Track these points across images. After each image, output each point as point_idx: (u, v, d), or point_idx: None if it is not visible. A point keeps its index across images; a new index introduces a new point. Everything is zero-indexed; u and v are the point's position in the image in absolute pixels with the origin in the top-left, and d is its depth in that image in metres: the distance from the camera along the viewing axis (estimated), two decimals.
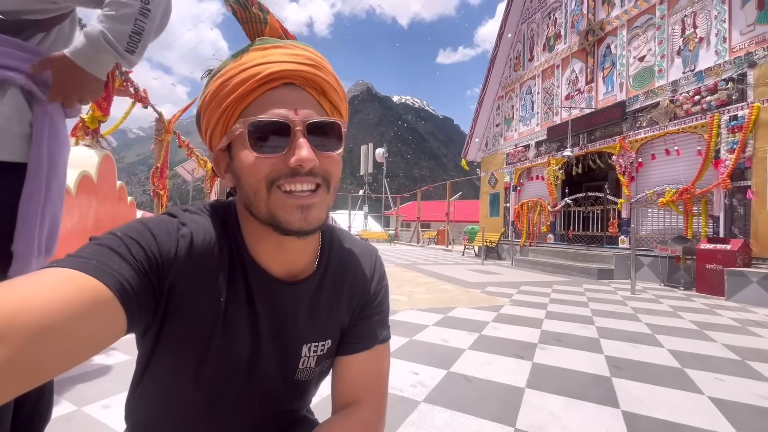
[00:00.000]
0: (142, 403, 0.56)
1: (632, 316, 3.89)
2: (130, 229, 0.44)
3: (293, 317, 0.55)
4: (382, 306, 0.64)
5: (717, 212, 6.17)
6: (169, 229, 0.47)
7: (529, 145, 11.08)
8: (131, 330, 0.41)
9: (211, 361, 0.50)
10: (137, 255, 0.41)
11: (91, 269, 0.36)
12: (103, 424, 1.46)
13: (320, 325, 0.57)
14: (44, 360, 0.31)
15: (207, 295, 0.48)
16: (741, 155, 5.81)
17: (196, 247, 0.47)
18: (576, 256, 8.32)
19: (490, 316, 3.64)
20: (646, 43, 7.74)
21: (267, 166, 0.45)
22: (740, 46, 6.07)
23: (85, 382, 1.83)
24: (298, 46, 0.49)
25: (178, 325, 0.47)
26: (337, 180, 0.50)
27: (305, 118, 0.45)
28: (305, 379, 0.58)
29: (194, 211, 0.53)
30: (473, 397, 1.86)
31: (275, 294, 0.52)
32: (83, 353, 0.34)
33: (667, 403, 1.86)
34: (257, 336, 0.52)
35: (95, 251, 0.39)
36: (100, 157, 4.31)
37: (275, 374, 0.55)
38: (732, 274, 5.10)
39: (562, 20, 10.26)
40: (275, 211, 0.45)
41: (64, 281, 0.34)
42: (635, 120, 7.76)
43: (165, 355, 0.50)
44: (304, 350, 0.56)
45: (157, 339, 0.48)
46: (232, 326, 0.50)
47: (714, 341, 3.01)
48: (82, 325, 0.33)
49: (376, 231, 24.13)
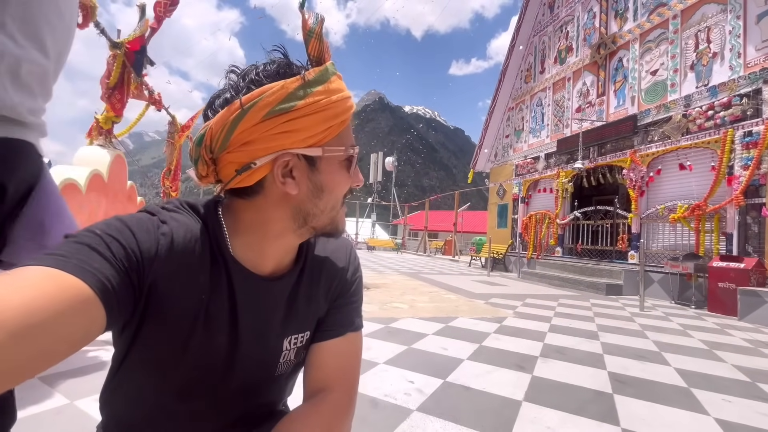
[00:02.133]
0: (118, 396, 0.56)
1: (639, 332, 3.78)
2: (110, 227, 0.44)
3: (274, 312, 0.55)
4: (356, 295, 0.66)
5: (730, 229, 6.02)
6: (149, 228, 0.46)
7: (539, 157, 11.01)
8: (109, 328, 0.40)
9: (189, 357, 0.50)
10: (117, 253, 0.41)
11: (72, 268, 0.36)
12: (92, 418, 1.46)
13: (300, 318, 0.59)
14: (24, 359, 0.31)
15: (188, 293, 0.48)
16: (756, 172, 5.68)
17: (176, 245, 0.47)
18: (584, 271, 8.17)
19: (492, 328, 3.58)
20: (659, 57, 7.68)
21: (347, 186, 0.54)
22: (755, 61, 5.98)
23: (80, 376, 1.84)
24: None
25: (158, 323, 0.47)
26: None
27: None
28: (285, 372, 0.59)
29: (172, 209, 0.52)
30: (468, 408, 1.82)
31: (257, 290, 0.53)
32: (62, 352, 0.34)
33: (670, 423, 1.79)
34: (236, 332, 0.53)
35: (75, 249, 0.39)
36: (112, 157, 4.40)
37: (254, 369, 0.56)
38: (745, 293, 4.94)
39: (574, 33, 10.26)
40: (339, 220, 0.55)
41: (44, 279, 0.34)
42: (647, 134, 7.67)
43: (142, 351, 0.49)
44: (285, 344, 0.57)
45: (135, 336, 0.48)
46: (213, 323, 0.50)
47: (723, 361, 2.91)
48: (63, 324, 0.33)
49: (383, 239, 24.08)
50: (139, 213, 0.49)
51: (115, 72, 4.30)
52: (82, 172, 3.73)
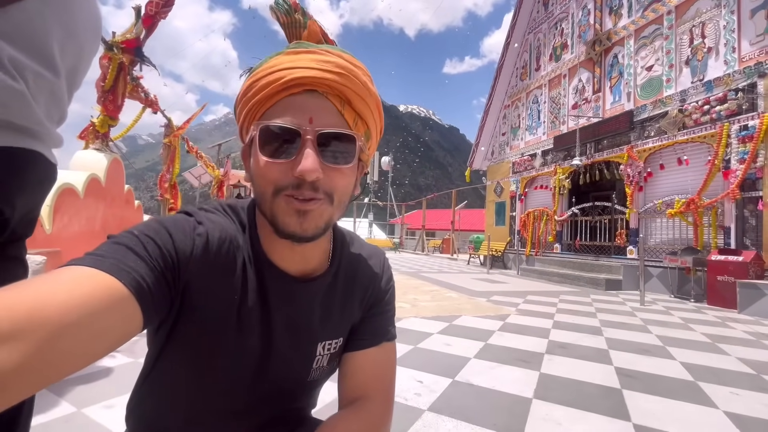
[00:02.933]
0: (148, 401, 0.56)
1: (642, 327, 3.80)
2: (147, 227, 0.45)
3: (308, 315, 0.55)
4: (390, 304, 0.65)
5: (728, 223, 6.07)
6: (185, 228, 0.47)
7: (536, 154, 11.04)
8: (146, 326, 0.41)
9: (222, 358, 0.50)
10: (153, 253, 0.42)
11: (108, 267, 0.37)
12: (102, 426, 1.44)
13: (333, 324, 0.58)
14: (63, 356, 0.31)
15: (221, 293, 0.49)
16: (752, 165, 5.73)
17: (211, 246, 0.48)
18: (583, 267, 8.20)
19: (496, 325, 3.58)
20: (654, 53, 7.73)
21: (275, 171, 0.45)
22: (750, 56, 6.03)
23: (87, 383, 1.82)
24: (332, 52, 0.48)
25: (192, 323, 0.48)
26: (344, 194, 0.49)
27: (318, 127, 0.44)
28: (318, 379, 0.59)
29: (210, 210, 0.53)
30: (479, 407, 1.82)
31: (290, 292, 0.53)
32: (100, 350, 0.35)
33: (680, 417, 1.80)
34: (270, 334, 0.53)
35: (113, 249, 0.40)
36: (109, 161, 4.36)
37: (286, 373, 0.56)
38: (744, 286, 4.98)
39: (569, 30, 10.29)
40: (276, 214, 0.46)
41: (81, 279, 0.35)
42: (643, 129, 7.71)
43: (176, 351, 0.50)
44: (318, 349, 0.57)
45: (170, 335, 0.49)
46: (245, 324, 0.51)
47: (727, 354, 2.93)
48: (99, 322, 0.34)
49: (380, 239, 24.08)
50: (177, 214, 0.51)
51: (110, 74, 4.26)
52: (79, 177, 3.68)
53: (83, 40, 0.81)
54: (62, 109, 0.84)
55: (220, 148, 13.04)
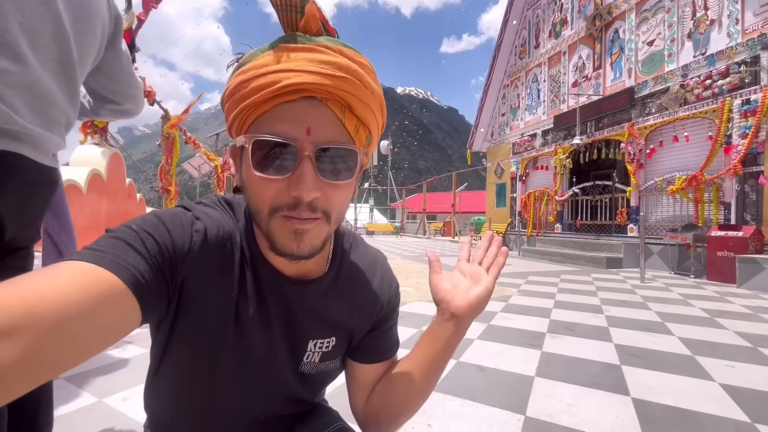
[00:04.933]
0: (158, 395, 0.57)
1: (642, 304, 3.87)
2: (146, 222, 0.44)
3: (301, 314, 0.55)
4: (394, 318, 0.68)
5: (728, 199, 6.08)
6: (183, 223, 0.47)
7: (536, 135, 10.96)
8: (145, 322, 0.42)
9: (224, 355, 0.50)
10: (151, 249, 0.42)
11: (107, 262, 0.37)
12: (123, 415, 1.51)
13: (326, 324, 0.58)
14: (61, 352, 0.32)
15: (219, 290, 0.49)
16: (754, 140, 5.70)
17: (209, 242, 0.48)
18: (584, 246, 8.26)
19: (499, 306, 3.65)
20: (656, 27, 7.57)
21: (270, 190, 0.43)
22: (753, 27, 5.91)
23: (105, 374, 1.88)
24: (332, 48, 0.43)
25: (191, 319, 0.48)
26: (341, 210, 0.48)
27: (317, 140, 0.42)
28: (309, 373, 0.59)
29: (208, 204, 0.53)
30: (483, 386, 1.88)
31: (285, 292, 0.53)
32: (98, 345, 0.35)
33: (677, 390, 1.86)
34: (269, 331, 0.53)
35: (111, 244, 0.39)
36: (110, 155, 4.36)
37: (286, 368, 0.56)
38: (744, 261, 5.04)
39: (569, 5, 10.05)
40: (273, 233, 0.45)
41: (79, 274, 0.35)
42: (644, 106, 7.63)
43: (178, 347, 0.50)
44: (309, 345, 0.57)
45: (171, 332, 0.49)
46: (243, 322, 0.51)
47: (725, 329, 2.99)
48: (97, 318, 0.34)
49: (382, 223, 24.15)
50: (176, 208, 0.50)
51: None
52: (81, 173, 3.70)
53: (67, 23, 0.73)
54: (56, 105, 0.78)
55: (218, 137, 12.94)
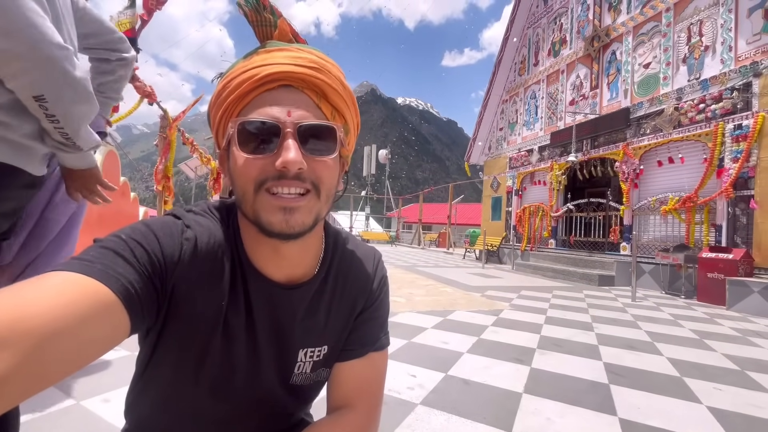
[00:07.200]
0: (142, 401, 0.56)
1: (632, 323, 3.88)
2: (135, 231, 0.44)
3: (290, 322, 0.54)
4: (380, 310, 0.63)
5: (720, 221, 6.15)
6: (173, 232, 0.47)
7: (533, 150, 11.07)
8: (134, 332, 0.41)
9: (210, 363, 0.50)
10: (141, 258, 0.42)
11: (96, 273, 0.36)
12: (100, 419, 1.47)
13: (317, 331, 0.57)
14: (49, 365, 0.31)
15: (208, 299, 0.48)
16: (745, 164, 5.79)
17: (199, 251, 0.48)
18: (577, 262, 8.29)
19: (490, 320, 3.63)
20: (652, 50, 7.73)
21: (256, 167, 0.44)
22: (746, 55, 6.05)
23: (85, 376, 1.84)
24: (304, 49, 0.48)
25: (180, 327, 0.47)
26: (330, 186, 0.48)
27: (297, 119, 0.45)
28: (300, 384, 0.58)
29: (198, 212, 0.52)
30: (470, 401, 1.87)
31: (273, 299, 0.52)
32: (87, 357, 0.34)
33: (664, 412, 1.86)
34: (255, 342, 0.52)
35: (100, 254, 0.39)
36: (105, 153, 4.34)
37: (273, 379, 0.55)
38: (733, 283, 5.08)
39: (568, 26, 10.25)
40: (259, 212, 0.45)
41: (68, 285, 0.34)
42: (639, 127, 7.75)
43: (166, 355, 0.50)
44: (300, 355, 0.56)
45: (159, 339, 0.49)
46: (231, 331, 0.50)
47: (714, 351, 3.00)
48: (87, 329, 0.33)
49: (377, 232, 24.12)
50: (166, 216, 0.50)
51: None
52: None
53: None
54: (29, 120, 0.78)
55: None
